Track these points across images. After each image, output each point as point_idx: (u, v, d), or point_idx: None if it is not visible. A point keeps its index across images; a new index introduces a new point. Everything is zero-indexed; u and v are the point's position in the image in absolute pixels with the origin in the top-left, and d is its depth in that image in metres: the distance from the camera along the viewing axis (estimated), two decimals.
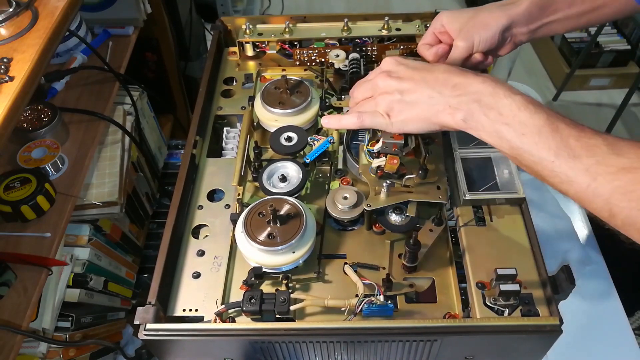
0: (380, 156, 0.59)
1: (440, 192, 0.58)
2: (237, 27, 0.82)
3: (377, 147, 0.59)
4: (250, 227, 0.55)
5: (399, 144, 0.58)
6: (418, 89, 0.53)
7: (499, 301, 0.52)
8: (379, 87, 0.56)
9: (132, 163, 0.93)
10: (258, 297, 0.52)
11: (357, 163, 0.62)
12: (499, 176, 0.62)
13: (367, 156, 0.61)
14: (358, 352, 0.55)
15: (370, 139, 0.61)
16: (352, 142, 0.66)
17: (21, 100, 0.56)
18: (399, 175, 0.59)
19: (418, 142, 0.61)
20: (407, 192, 0.58)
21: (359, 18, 0.81)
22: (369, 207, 0.57)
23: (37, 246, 0.66)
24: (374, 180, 0.59)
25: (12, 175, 0.70)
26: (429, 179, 0.59)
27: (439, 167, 0.61)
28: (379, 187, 0.58)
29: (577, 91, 2.29)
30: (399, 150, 0.58)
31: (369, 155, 0.60)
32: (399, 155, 0.58)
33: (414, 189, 0.58)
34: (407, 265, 0.57)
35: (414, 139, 0.61)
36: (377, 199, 0.58)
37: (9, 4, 0.64)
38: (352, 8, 2.71)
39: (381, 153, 0.59)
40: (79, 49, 0.90)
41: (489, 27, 0.60)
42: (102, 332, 0.83)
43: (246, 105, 0.74)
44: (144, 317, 0.50)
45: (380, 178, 0.59)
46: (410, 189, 0.58)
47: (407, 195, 0.58)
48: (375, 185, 0.59)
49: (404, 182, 0.58)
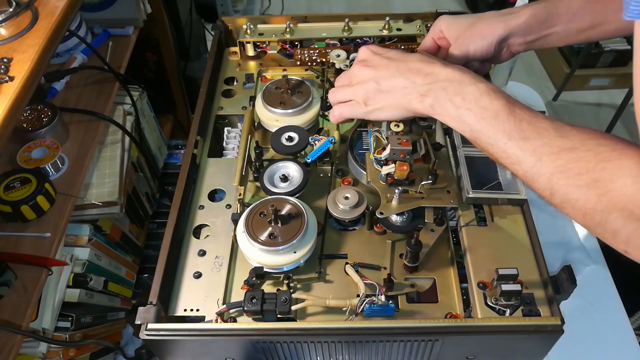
0: (388, 163, 0.58)
1: (451, 197, 0.58)
2: (237, 27, 0.82)
3: (385, 154, 0.59)
4: (251, 227, 0.55)
5: (406, 150, 0.57)
6: (392, 79, 0.55)
7: (501, 301, 0.52)
8: (356, 76, 0.58)
9: (132, 163, 0.93)
10: (259, 297, 0.52)
11: (364, 170, 0.62)
12: (502, 177, 0.62)
13: (375, 164, 0.60)
14: (359, 352, 0.55)
15: (376, 147, 0.61)
16: (356, 150, 0.65)
17: (21, 100, 0.55)
18: (409, 182, 0.59)
19: (427, 147, 0.61)
20: (419, 198, 0.58)
21: (359, 18, 0.81)
22: (382, 215, 0.57)
23: (37, 246, 0.66)
24: (384, 187, 0.59)
25: (12, 175, 0.70)
26: (439, 184, 0.59)
27: (447, 173, 0.61)
28: (391, 195, 0.57)
29: (577, 91, 2.29)
30: (408, 156, 0.58)
31: (377, 162, 0.60)
32: (408, 161, 0.58)
33: (426, 194, 0.58)
34: (408, 265, 0.57)
35: (422, 145, 0.61)
36: (390, 207, 0.57)
37: (9, 4, 0.64)
38: (353, 8, 2.71)
39: (389, 160, 0.58)
40: (79, 49, 0.90)
41: (485, 37, 0.61)
42: (102, 332, 0.83)
43: (247, 105, 0.74)
44: (145, 317, 0.50)
45: (391, 185, 0.58)
46: (421, 195, 0.58)
47: (419, 201, 0.58)
48: (386, 192, 0.58)
49: (419, 188, 0.58)
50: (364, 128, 0.68)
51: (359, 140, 0.67)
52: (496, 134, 0.47)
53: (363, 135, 0.67)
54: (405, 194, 0.58)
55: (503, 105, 0.48)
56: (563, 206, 0.44)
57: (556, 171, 0.43)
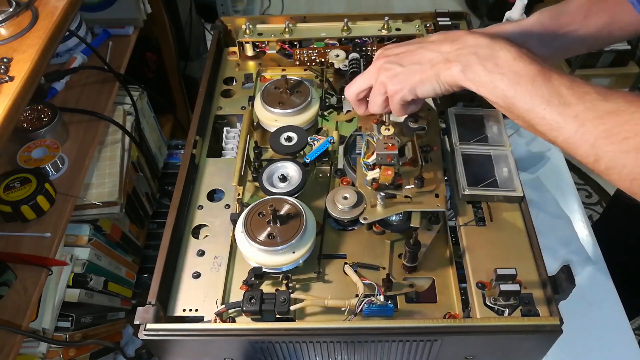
0: (375, 168, 0.58)
1: (439, 200, 0.57)
2: (237, 27, 0.82)
3: (372, 159, 0.58)
4: (250, 227, 0.55)
5: (393, 155, 0.57)
6: (417, 54, 0.52)
7: (499, 301, 0.52)
8: (379, 68, 0.55)
9: (132, 163, 0.93)
10: (258, 297, 0.52)
11: (355, 174, 0.61)
12: (499, 174, 0.61)
13: (364, 169, 0.60)
14: (358, 352, 0.55)
15: (366, 151, 0.60)
16: (350, 155, 0.65)
17: (21, 100, 0.56)
18: (395, 186, 0.58)
19: (415, 151, 0.60)
20: (404, 202, 0.57)
21: (358, 18, 0.81)
22: (365, 221, 0.57)
23: (37, 246, 0.66)
24: (370, 192, 0.58)
25: (12, 175, 0.70)
26: (428, 187, 0.58)
27: (437, 175, 0.60)
28: (375, 200, 0.57)
29: None
30: (395, 160, 0.57)
31: (365, 167, 0.60)
32: (396, 165, 0.57)
33: (412, 198, 0.58)
34: (407, 265, 0.57)
35: (410, 149, 0.61)
36: (374, 211, 0.57)
37: (9, 4, 0.64)
38: (352, 8, 2.71)
39: (377, 165, 0.58)
40: (79, 49, 0.90)
41: None
42: (102, 332, 0.83)
43: (246, 105, 0.74)
44: (144, 317, 0.50)
45: (376, 190, 0.58)
46: (407, 199, 0.58)
47: (404, 205, 0.57)
48: (371, 197, 0.58)
49: (403, 193, 0.58)
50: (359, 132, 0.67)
51: (354, 144, 0.67)
52: (533, 99, 0.45)
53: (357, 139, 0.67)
54: (392, 199, 0.57)
55: (539, 69, 0.45)
56: (608, 173, 0.42)
57: (600, 136, 0.41)
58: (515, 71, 0.46)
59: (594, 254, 0.86)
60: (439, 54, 0.51)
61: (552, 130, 0.44)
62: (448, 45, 0.51)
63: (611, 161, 0.41)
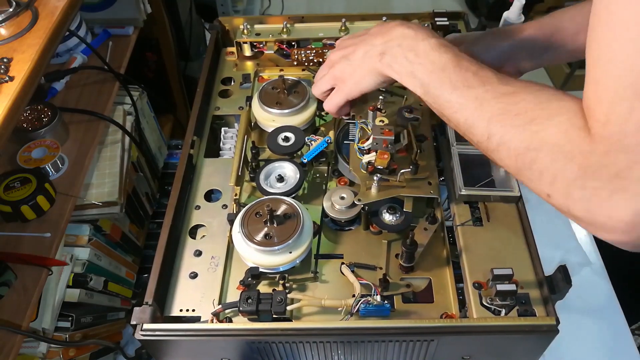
0: (370, 152, 0.59)
1: (432, 187, 0.58)
2: (234, 27, 0.82)
3: (368, 144, 0.59)
4: (247, 227, 0.56)
5: (389, 140, 0.58)
6: (358, 49, 0.56)
7: (496, 301, 0.52)
8: (330, 61, 0.60)
9: (132, 163, 0.93)
10: (255, 297, 0.52)
11: (347, 163, 0.62)
12: (495, 174, 0.62)
13: (358, 153, 0.61)
14: (355, 352, 0.55)
15: (360, 137, 0.61)
16: (342, 143, 0.66)
17: (21, 100, 0.56)
18: (390, 171, 0.59)
19: (410, 138, 0.61)
20: (398, 187, 0.58)
21: (356, 18, 0.81)
22: (359, 202, 0.57)
23: (37, 246, 0.67)
24: (365, 176, 0.59)
25: (12, 175, 0.70)
26: (421, 174, 0.59)
27: (430, 164, 0.61)
28: (370, 182, 0.58)
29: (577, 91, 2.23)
30: (390, 146, 0.58)
31: (360, 152, 0.60)
32: (390, 151, 0.58)
33: (406, 184, 0.59)
34: (404, 265, 0.57)
35: (406, 136, 0.61)
36: (368, 194, 0.58)
37: (9, 4, 0.64)
38: (353, 8, 2.70)
39: (372, 150, 0.59)
40: (79, 49, 0.90)
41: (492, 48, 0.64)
42: (102, 332, 0.83)
43: (244, 105, 0.75)
44: (141, 317, 0.51)
45: (371, 173, 0.59)
46: (401, 184, 0.58)
47: (398, 190, 0.58)
48: (366, 180, 0.59)
49: (398, 177, 0.59)
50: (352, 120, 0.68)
51: (346, 137, 0.67)
52: (443, 85, 0.48)
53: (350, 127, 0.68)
54: (385, 182, 0.58)
55: (450, 58, 0.48)
56: (498, 150, 0.43)
57: (495, 114, 0.43)
58: (432, 60, 0.49)
59: (591, 254, 0.86)
60: (372, 48, 0.54)
61: (456, 112, 0.47)
62: (380, 38, 0.54)
63: (502, 137, 0.43)
